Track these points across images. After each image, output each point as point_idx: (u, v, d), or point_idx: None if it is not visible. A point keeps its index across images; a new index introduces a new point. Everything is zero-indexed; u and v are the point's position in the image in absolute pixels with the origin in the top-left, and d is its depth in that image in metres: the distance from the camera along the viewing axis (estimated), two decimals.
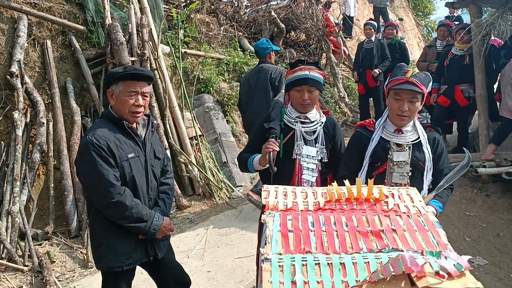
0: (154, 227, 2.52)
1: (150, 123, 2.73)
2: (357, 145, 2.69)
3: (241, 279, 3.93)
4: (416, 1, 20.78)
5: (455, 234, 4.87)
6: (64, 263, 4.40)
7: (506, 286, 4.08)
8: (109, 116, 2.57)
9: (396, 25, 8.71)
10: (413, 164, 2.53)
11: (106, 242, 2.52)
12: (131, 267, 2.59)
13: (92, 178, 2.41)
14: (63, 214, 5.04)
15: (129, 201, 2.43)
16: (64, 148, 5.26)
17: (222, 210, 5.61)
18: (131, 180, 2.52)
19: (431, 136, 2.62)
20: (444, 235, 1.70)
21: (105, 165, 2.39)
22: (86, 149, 2.39)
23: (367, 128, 2.71)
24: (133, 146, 2.57)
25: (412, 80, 2.42)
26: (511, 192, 5.91)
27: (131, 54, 5.99)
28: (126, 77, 2.51)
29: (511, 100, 5.58)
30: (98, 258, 2.58)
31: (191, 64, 7.76)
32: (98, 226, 2.55)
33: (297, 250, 1.60)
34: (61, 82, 5.78)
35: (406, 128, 2.58)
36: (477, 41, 6.13)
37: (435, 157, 2.59)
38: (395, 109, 2.51)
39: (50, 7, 6.12)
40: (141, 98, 2.55)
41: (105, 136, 2.44)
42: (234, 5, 10.37)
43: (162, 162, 2.80)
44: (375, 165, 2.59)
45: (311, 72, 2.78)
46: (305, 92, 2.77)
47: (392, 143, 2.56)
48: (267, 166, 2.68)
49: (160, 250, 2.69)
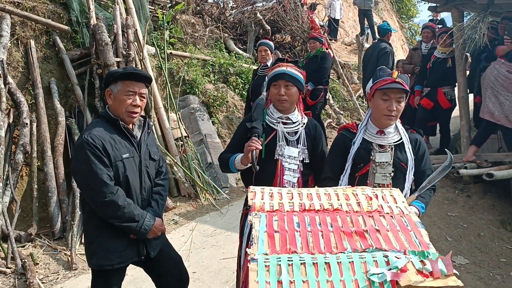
0: (145, 227, 2.53)
1: (146, 124, 2.75)
2: (340, 147, 2.72)
3: (226, 280, 3.95)
4: (399, 4, 21.03)
5: (437, 234, 4.95)
6: (48, 265, 4.36)
7: (487, 285, 4.16)
8: (105, 116, 2.59)
9: (322, 36, 7.28)
10: (395, 165, 2.57)
11: (98, 240, 2.54)
12: (122, 265, 2.59)
13: (86, 177, 2.44)
14: (47, 215, 4.99)
15: (122, 201, 2.45)
16: (48, 149, 5.20)
17: (207, 211, 5.61)
18: (124, 180, 2.53)
19: (412, 138, 2.66)
20: (426, 235, 1.74)
21: (99, 164, 2.41)
22: (82, 148, 2.42)
23: (350, 130, 2.74)
24: (128, 146, 2.59)
25: (398, 80, 2.47)
26: (491, 193, 6.03)
27: (116, 55, 5.95)
28: (126, 77, 2.54)
29: (491, 102, 5.70)
30: (90, 255, 2.60)
31: (177, 65, 7.74)
32: (92, 224, 2.57)
33: (283, 250, 1.63)
34: (45, 82, 5.72)
35: (389, 129, 2.62)
36: (459, 44, 6.23)
37: (417, 158, 2.63)
38: (382, 110, 2.54)
39: (34, 6, 6.06)
40: (139, 98, 2.59)
41: (100, 135, 2.46)
42: (220, 7, 10.38)
43: (157, 163, 2.81)
44: (358, 166, 2.62)
45: (288, 68, 2.82)
46: (282, 87, 2.78)
47: (374, 145, 2.60)
48: (249, 165, 2.69)
49: (153, 249, 2.70)
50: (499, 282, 4.24)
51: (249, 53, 9.90)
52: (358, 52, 11.40)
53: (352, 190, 2.06)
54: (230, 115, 7.76)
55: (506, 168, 5.76)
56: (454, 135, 7.98)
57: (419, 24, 20.09)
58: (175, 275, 2.91)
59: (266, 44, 6.26)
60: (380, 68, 2.63)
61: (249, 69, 8.57)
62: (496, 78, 5.66)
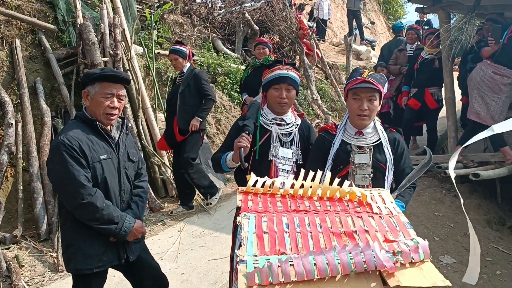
0: (125, 229, 2.50)
1: (125, 125, 2.71)
2: (320, 149, 2.72)
3: (215, 281, 3.93)
4: (387, 5, 21.19)
5: (424, 234, 4.98)
6: (34, 267, 4.30)
7: (473, 284, 4.19)
8: (82, 117, 2.55)
9: (269, 42, 6.51)
10: (374, 166, 2.56)
11: (76, 243, 2.50)
12: (101, 269, 2.56)
13: (62, 179, 2.39)
14: (32, 217, 4.93)
15: (100, 203, 2.41)
16: (33, 149, 5.14)
17: (196, 212, 5.59)
18: (103, 182, 2.50)
19: (391, 137, 2.66)
20: (415, 235, 1.75)
21: (76, 165, 2.37)
22: (57, 149, 2.37)
23: (329, 132, 2.73)
24: (106, 147, 2.55)
25: (368, 79, 2.47)
26: (478, 192, 6.10)
27: (103, 55, 5.90)
28: (103, 78, 2.49)
29: (477, 103, 5.76)
30: (67, 260, 2.56)
31: (165, 65, 7.70)
32: (68, 227, 2.53)
33: (272, 251, 1.62)
34: (30, 82, 5.65)
35: (367, 130, 2.61)
36: (445, 45, 6.29)
37: (396, 157, 2.63)
38: (355, 110, 2.54)
39: (19, 5, 5.98)
40: (117, 100, 2.54)
41: (77, 136, 2.42)
42: (208, 6, 10.35)
43: (136, 165, 2.78)
44: (338, 168, 2.60)
45: (289, 72, 2.83)
46: (283, 90, 2.81)
47: (353, 146, 2.59)
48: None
49: (132, 252, 2.67)
50: (485, 281, 4.28)
51: (238, 53, 9.88)
52: (346, 53, 11.44)
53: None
54: (219, 115, 7.74)
55: (491, 168, 5.83)
56: (441, 135, 8.06)
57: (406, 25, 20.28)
58: (156, 280, 2.89)
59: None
60: (355, 69, 2.65)
61: (237, 69, 8.56)
62: (482, 79, 5.72)
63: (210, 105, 5.39)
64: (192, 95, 5.24)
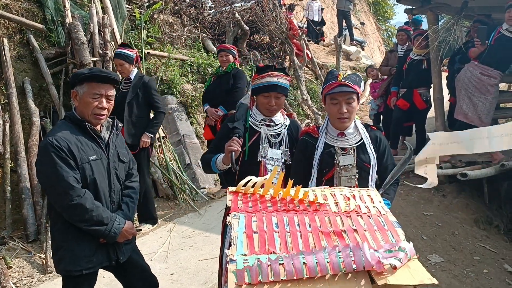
0: (114, 230, 2.49)
1: (115, 125, 2.69)
2: (304, 153, 2.70)
3: (205, 281, 3.93)
4: (377, 6, 21.31)
5: (413, 233, 5.02)
6: (22, 269, 4.26)
7: (461, 283, 4.24)
8: (71, 117, 2.53)
9: (233, 48, 5.89)
10: (359, 166, 2.57)
11: (66, 245, 2.48)
12: (91, 271, 2.54)
13: (51, 180, 2.38)
14: (21, 218, 4.89)
15: (89, 204, 2.39)
16: (21, 149, 5.10)
17: (185, 213, 5.58)
18: (92, 183, 2.48)
19: (373, 135, 2.67)
20: (403, 234, 1.77)
21: (65, 166, 2.35)
22: (46, 151, 2.36)
23: (311, 135, 2.72)
24: (96, 148, 2.53)
25: (344, 82, 2.46)
26: (465, 192, 6.16)
27: (92, 54, 5.87)
28: (91, 78, 2.47)
29: (465, 104, 5.82)
30: (57, 262, 2.54)
31: (154, 65, 7.67)
32: (58, 229, 2.51)
33: (262, 250, 1.63)
34: (18, 82, 5.60)
35: (349, 130, 2.61)
36: (434, 46, 6.35)
37: (379, 155, 2.64)
38: (334, 113, 2.54)
39: (7, 4, 5.94)
40: (105, 100, 2.52)
41: (66, 137, 2.40)
42: (198, 6, 10.32)
43: (127, 165, 2.77)
44: (324, 171, 2.60)
45: (279, 79, 2.80)
46: (273, 98, 2.80)
47: (337, 148, 2.59)
48: (230, 165, 2.69)
49: (123, 254, 2.65)
50: (473, 280, 4.33)
51: None
52: (336, 53, 11.49)
53: (330, 190, 2.08)
54: None
55: (479, 168, 5.89)
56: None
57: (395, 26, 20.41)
58: (146, 281, 2.88)
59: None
60: (329, 72, 2.65)
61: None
62: (470, 80, 5.78)
63: (162, 119, 5.03)
64: (140, 106, 4.82)
